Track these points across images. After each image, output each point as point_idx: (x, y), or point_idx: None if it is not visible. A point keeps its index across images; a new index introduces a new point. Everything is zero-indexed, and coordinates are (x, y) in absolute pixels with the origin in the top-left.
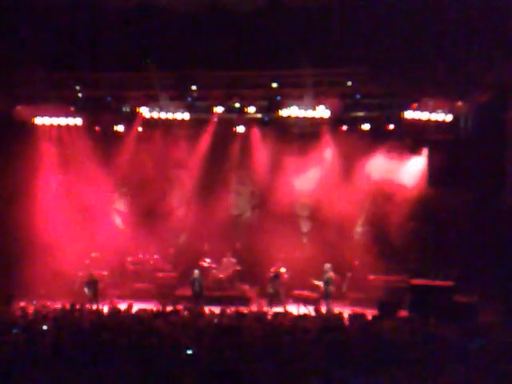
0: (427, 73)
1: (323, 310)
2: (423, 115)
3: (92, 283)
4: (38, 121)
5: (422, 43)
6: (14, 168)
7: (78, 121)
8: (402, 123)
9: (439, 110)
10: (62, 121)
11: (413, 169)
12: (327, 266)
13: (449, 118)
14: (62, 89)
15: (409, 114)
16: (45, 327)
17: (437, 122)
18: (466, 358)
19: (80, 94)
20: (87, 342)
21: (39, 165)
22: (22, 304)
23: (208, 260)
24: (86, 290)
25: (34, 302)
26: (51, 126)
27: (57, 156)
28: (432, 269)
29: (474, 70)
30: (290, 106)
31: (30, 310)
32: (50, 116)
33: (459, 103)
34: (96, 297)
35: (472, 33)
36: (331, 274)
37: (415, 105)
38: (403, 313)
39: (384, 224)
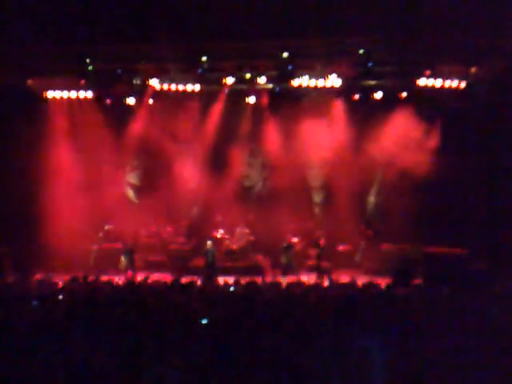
0: (441, 39)
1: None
2: (437, 82)
3: (129, 252)
4: (50, 94)
5: (436, 9)
6: (27, 141)
7: (89, 94)
8: (415, 91)
9: (453, 77)
10: (73, 94)
11: (426, 137)
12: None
13: (462, 84)
14: (73, 62)
15: (422, 82)
16: (60, 297)
17: (451, 88)
18: (482, 326)
19: (90, 67)
20: (102, 314)
21: (51, 138)
22: (38, 276)
23: (221, 231)
24: (122, 258)
25: (50, 275)
26: (62, 99)
27: (68, 129)
28: (445, 236)
29: (488, 36)
30: (301, 75)
31: (46, 282)
32: (61, 89)
33: (473, 69)
34: (131, 265)
35: None
36: (321, 242)
37: (428, 72)
38: (417, 281)
39: (396, 193)
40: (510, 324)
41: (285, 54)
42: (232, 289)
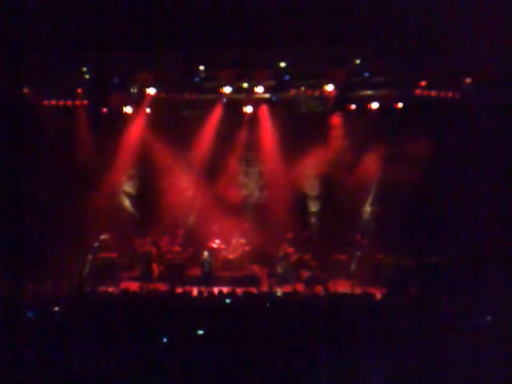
0: (436, 50)
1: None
2: (432, 93)
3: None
4: (46, 102)
5: (430, 19)
6: (22, 149)
7: (86, 102)
8: (411, 101)
9: (448, 87)
10: (70, 102)
11: (421, 147)
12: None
13: (457, 95)
14: (69, 70)
15: (418, 92)
16: (56, 308)
17: (446, 99)
18: (475, 334)
19: (87, 76)
20: (99, 323)
21: (46, 146)
22: (32, 286)
23: (217, 241)
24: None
25: (45, 284)
26: (59, 107)
27: (64, 137)
28: (441, 246)
29: (482, 46)
30: (298, 85)
31: (42, 291)
32: (58, 97)
33: (468, 80)
34: (148, 274)
35: (480, 8)
36: (312, 264)
37: (424, 82)
38: (412, 291)
39: (393, 203)
40: (503, 331)
41: (282, 64)
42: (228, 301)
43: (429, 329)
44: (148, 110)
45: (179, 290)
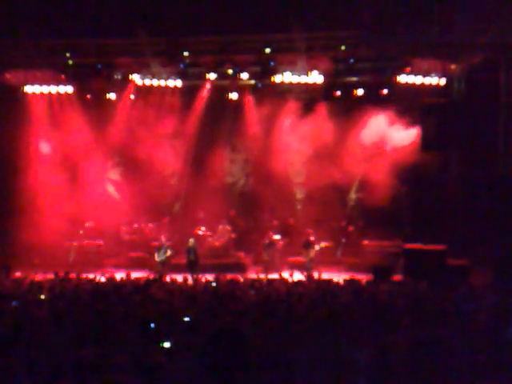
0: (420, 35)
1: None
2: (417, 79)
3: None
4: (29, 88)
5: (415, 5)
6: (5, 136)
7: (69, 88)
8: (396, 87)
9: (432, 74)
10: (53, 88)
11: (406, 133)
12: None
13: (442, 81)
14: (53, 56)
15: (402, 78)
16: (42, 296)
17: (430, 85)
18: (457, 321)
19: (70, 61)
20: (84, 312)
21: (30, 133)
22: (18, 274)
23: (203, 228)
24: (156, 256)
25: (30, 272)
26: (42, 93)
27: (48, 124)
28: (425, 233)
29: (466, 32)
30: (283, 71)
31: (26, 280)
32: (41, 83)
33: (452, 66)
34: (163, 264)
35: None
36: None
37: (408, 68)
38: (397, 277)
39: (378, 189)
40: (485, 318)
41: (267, 50)
42: (214, 284)
43: (413, 314)
44: (132, 97)
45: (165, 277)
